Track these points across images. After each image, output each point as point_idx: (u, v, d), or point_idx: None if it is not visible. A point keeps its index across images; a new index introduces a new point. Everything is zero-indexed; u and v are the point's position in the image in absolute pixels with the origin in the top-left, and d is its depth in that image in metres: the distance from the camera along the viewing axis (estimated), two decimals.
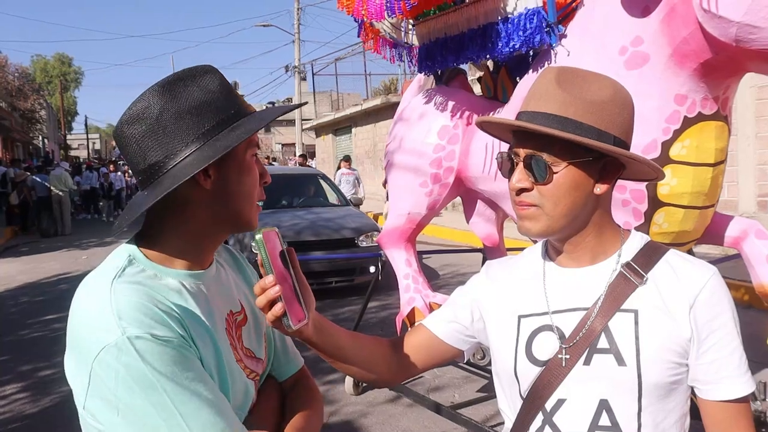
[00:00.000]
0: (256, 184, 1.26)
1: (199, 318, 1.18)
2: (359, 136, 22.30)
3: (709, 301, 1.23)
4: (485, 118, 1.35)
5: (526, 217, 1.27)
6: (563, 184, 1.23)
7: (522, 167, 1.25)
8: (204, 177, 1.20)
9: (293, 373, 1.47)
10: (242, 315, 1.34)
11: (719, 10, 2.19)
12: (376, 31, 3.89)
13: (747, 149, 9.05)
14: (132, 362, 1.05)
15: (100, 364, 1.05)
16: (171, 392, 1.06)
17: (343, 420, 4.55)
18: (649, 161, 1.27)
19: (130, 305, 1.08)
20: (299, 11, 25.84)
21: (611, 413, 1.24)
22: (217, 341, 1.20)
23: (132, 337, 1.05)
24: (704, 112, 2.52)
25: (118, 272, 1.14)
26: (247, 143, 1.23)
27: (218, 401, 1.12)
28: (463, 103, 3.60)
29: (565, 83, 1.24)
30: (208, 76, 1.24)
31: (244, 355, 1.31)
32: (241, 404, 1.25)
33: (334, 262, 7.85)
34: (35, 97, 40.73)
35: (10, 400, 5.14)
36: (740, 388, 1.24)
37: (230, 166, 1.22)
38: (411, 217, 3.77)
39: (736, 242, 2.85)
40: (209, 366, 1.17)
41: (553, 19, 2.90)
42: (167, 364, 1.07)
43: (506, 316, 1.38)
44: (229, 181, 1.22)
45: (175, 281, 1.19)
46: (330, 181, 11.19)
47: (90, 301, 1.12)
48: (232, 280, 1.39)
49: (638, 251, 1.31)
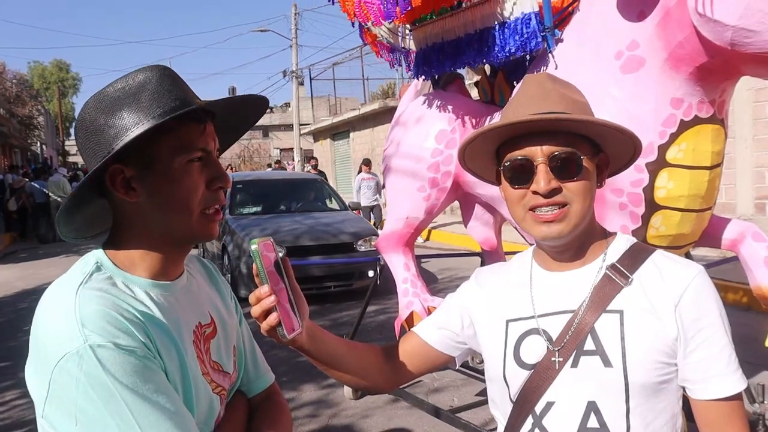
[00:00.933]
0: (192, 195, 1.16)
1: (166, 328, 1.15)
2: (357, 141, 22.31)
3: (694, 299, 1.23)
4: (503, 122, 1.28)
5: (555, 219, 1.25)
6: (589, 179, 1.27)
7: (545, 168, 1.23)
8: (126, 191, 1.15)
9: (263, 389, 1.43)
10: (211, 327, 1.30)
11: (714, 14, 2.20)
12: (374, 36, 3.91)
13: (744, 152, 9.07)
14: (93, 371, 1.02)
15: (61, 372, 1.03)
16: (131, 403, 1.03)
17: (342, 424, 4.55)
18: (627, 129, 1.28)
19: (95, 313, 1.05)
20: (297, 16, 25.84)
21: (599, 415, 1.24)
22: (183, 353, 1.17)
23: (94, 345, 1.02)
24: (700, 115, 2.53)
25: (85, 278, 1.11)
26: (176, 147, 1.14)
27: (180, 414, 1.09)
28: (461, 107, 3.61)
29: (556, 85, 1.29)
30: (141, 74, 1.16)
31: (211, 369, 1.27)
32: (205, 419, 1.22)
33: (332, 267, 7.86)
34: (33, 104, 40.68)
35: (10, 406, 5.13)
36: (731, 385, 1.23)
37: (155, 175, 1.15)
38: (409, 222, 3.78)
39: (733, 245, 2.86)
40: (173, 378, 1.13)
41: (549, 24, 2.91)
42: (129, 374, 1.04)
43: (495, 322, 1.39)
44: (154, 192, 1.15)
45: (141, 291, 1.16)
46: (329, 186, 11.18)
47: (54, 308, 1.09)
48: (204, 292, 1.35)
49: (624, 252, 1.32)
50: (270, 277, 1.14)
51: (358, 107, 22.09)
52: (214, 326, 1.31)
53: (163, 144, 1.14)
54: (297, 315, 1.19)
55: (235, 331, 1.39)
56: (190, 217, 1.17)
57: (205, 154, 1.18)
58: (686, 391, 1.27)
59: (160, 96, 1.13)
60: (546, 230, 1.26)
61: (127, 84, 1.15)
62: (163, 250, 1.20)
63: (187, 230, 1.19)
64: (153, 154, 1.14)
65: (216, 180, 1.19)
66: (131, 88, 1.14)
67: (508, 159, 1.29)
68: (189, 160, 1.16)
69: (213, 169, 1.20)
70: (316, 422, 4.59)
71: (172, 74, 1.18)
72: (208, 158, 1.19)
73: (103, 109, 1.14)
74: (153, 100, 1.13)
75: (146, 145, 1.13)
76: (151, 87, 1.14)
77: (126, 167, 1.14)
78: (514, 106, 1.30)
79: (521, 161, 1.26)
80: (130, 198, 1.15)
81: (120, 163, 1.14)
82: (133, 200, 1.15)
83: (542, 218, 1.25)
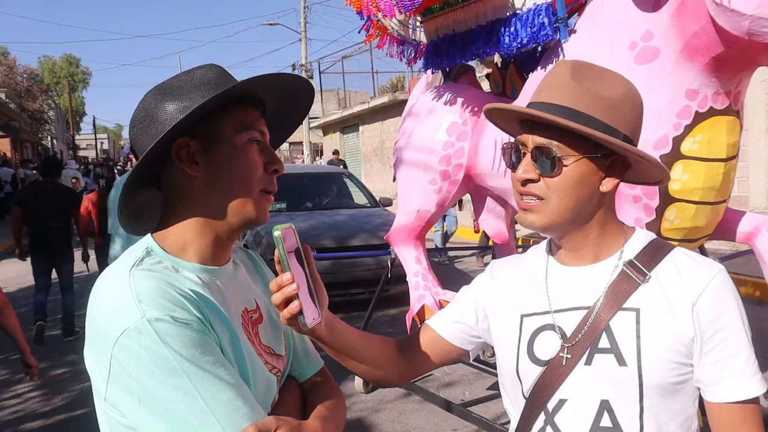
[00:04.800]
0: (253, 173, 1.20)
1: (216, 307, 1.16)
2: (366, 134, 22.29)
3: (713, 299, 1.20)
4: (495, 105, 1.31)
5: (530, 209, 1.25)
6: (571, 177, 1.21)
7: (529, 158, 1.23)
8: (190, 164, 1.18)
9: (314, 374, 1.44)
10: (258, 313, 1.32)
11: (731, 3, 2.16)
12: (384, 29, 3.89)
13: (758, 144, 8.99)
14: (152, 345, 1.03)
15: (121, 350, 1.04)
16: (192, 375, 1.04)
17: (354, 417, 4.56)
18: (657, 161, 1.25)
19: (150, 289, 1.07)
20: (306, 9, 25.83)
21: (612, 414, 1.22)
22: (235, 331, 1.18)
23: (152, 319, 1.04)
24: (716, 107, 2.50)
25: (137, 262, 1.13)
26: (237, 126, 1.19)
27: (240, 386, 1.10)
28: (472, 99, 3.59)
29: (580, 77, 1.23)
30: (201, 69, 1.23)
31: (264, 351, 1.28)
32: (263, 399, 1.22)
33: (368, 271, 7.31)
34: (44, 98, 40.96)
35: (23, 399, 5.17)
36: (746, 389, 1.19)
37: (218, 152, 1.19)
38: (420, 215, 3.76)
39: (748, 238, 2.83)
40: (228, 354, 1.14)
41: (562, 14, 2.88)
42: (188, 346, 1.05)
43: (509, 316, 1.37)
44: (217, 168, 1.19)
45: (192, 274, 1.18)
46: (357, 180, 10.26)
47: (109, 290, 1.11)
48: (249, 281, 1.37)
49: (642, 249, 1.29)
50: (291, 265, 1.13)
51: (367, 100, 22.03)
52: (260, 313, 1.32)
53: (226, 122, 1.19)
54: (317, 304, 1.18)
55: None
56: (249, 195, 1.21)
57: (263, 137, 1.24)
58: (701, 393, 1.24)
59: (222, 83, 1.20)
60: (522, 217, 1.28)
61: (189, 76, 1.22)
62: (215, 231, 1.22)
63: (245, 209, 1.21)
64: (217, 131, 1.19)
65: (272, 163, 1.23)
66: (194, 78, 1.21)
67: (507, 142, 1.31)
68: (250, 138, 1.20)
69: (269, 153, 1.24)
70: None
71: (226, 72, 1.25)
72: (264, 142, 1.24)
73: (166, 96, 1.20)
74: (216, 85, 1.20)
75: (210, 122, 1.18)
76: (214, 76, 1.21)
77: (191, 140, 1.18)
78: (537, 89, 1.29)
79: (514, 145, 1.28)
80: (193, 172, 1.18)
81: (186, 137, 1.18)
82: (195, 174, 1.18)
83: (521, 204, 1.27)
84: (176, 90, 1.20)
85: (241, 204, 1.20)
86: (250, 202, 1.21)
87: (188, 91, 1.19)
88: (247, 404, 1.08)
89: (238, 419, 1.05)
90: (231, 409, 1.06)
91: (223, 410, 1.05)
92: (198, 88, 1.19)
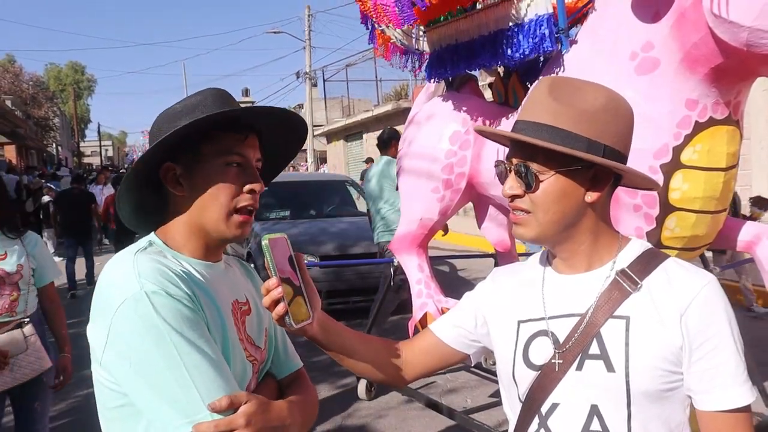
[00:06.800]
0: (225, 193, 1.33)
1: (209, 292, 1.31)
2: (370, 142, 22.32)
3: (702, 309, 1.22)
4: (480, 126, 1.39)
5: (519, 222, 1.32)
6: (552, 192, 1.26)
7: (513, 175, 1.30)
8: (175, 186, 1.35)
9: (291, 372, 1.55)
10: (247, 306, 1.45)
11: (730, 14, 2.19)
12: (388, 38, 3.92)
13: (760, 153, 9.01)
14: (146, 314, 1.17)
15: (119, 317, 1.18)
16: (178, 344, 1.17)
17: (356, 424, 4.57)
18: (639, 172, 1.29)
19: (150, 268, 1.23)
20: (310, 18, 25.94)
21: (601, 418, 1.25)
22: (222, 315, 1.32)
23: (149, 291, 1.19)
24: (715, 116, 2.52)
25: (141, 249, 1.31)
26: (216, 150, 1.33)
27: (221, 362, 1.23)
28: (475, 108, 3.62)
29: (558, 93, 1.27)
30: (196, 95, 1.38)
31: (246, 339, 1.41)
32: (239, 380, 1.32)
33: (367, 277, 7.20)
34: (49, 105, 41.12)
35: None
36: (735, 397, 1.21)
37: (198, 174, 1.34)
38: (423, 223, 3.78)
39: (749, 246, 2.84)
40: (213, 332, 1.27)
41: (563, 25, 2.91)
42: (177, 319, 1.19)
43: (507, 321, 1.41)
44: (196, 188, 1.34)
45: (188, 264, 1.34)
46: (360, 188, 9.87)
47: (114, 269, 1.26)
48: (242, 280, 1.51)
49: (635, 258, 1.31)
50: (280, 270, 1.26)
51: (371, 108, 22.10)
52: (249, 306, 1.46)
53: (207, 147, 1.34)
54: (308, 306, 1.30)
55: (268, 316, 1.50)
56: (221, 213, 1.34)
57: (244, 161, 1.36)
58: (692, 402, 1.26)
59: (209, 108, 1.34)
60: (515, 230, 1.34)
61: (188, 101, 1.38)
62: (203, 239, 1.37)
63: (218, 226, 1.35)
64: (199, 155, 1.34)
65: (248, 183, 1.35)
66: (191, 103, 1.37)
67: (498, 160, 1.37)
68: (227, 162, 1.34)
69: (249, 175, 1.36)
70: (330, 423, 4.61)
71: (225, 94, 1.40)
72: (246, 165, 1.36)
73: (166, 120, 1.37)
74: (203, 111, 1.34)
75: (194, 147, 1.34)
76: (207, 102, 1.36)
77: (177, 165, 1.35)
78: (521, 108, 1.36)
79: (503, 163, 1.34)
80: (178, 192, 1.35)
81: (173, 162, 1.35)
82: (180, 194, 1.35)
83: (511, 217, 1.34)
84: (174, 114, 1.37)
85: (215, 222, 1.35)
86: (222, 221, 1.35)
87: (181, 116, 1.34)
88: (224, 378, 1.22)
89: (215, 390, 1.19)
90: (209, 381, 1.19)
91: (203, 381, 1.18)
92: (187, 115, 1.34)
